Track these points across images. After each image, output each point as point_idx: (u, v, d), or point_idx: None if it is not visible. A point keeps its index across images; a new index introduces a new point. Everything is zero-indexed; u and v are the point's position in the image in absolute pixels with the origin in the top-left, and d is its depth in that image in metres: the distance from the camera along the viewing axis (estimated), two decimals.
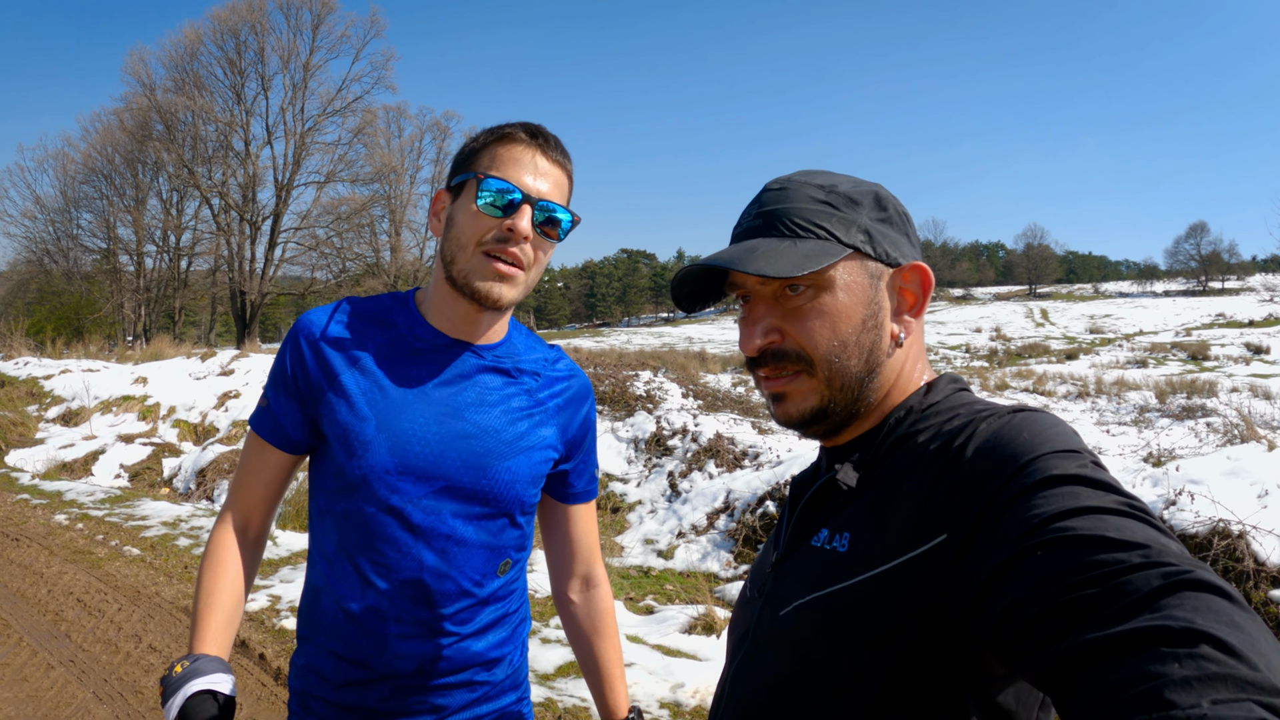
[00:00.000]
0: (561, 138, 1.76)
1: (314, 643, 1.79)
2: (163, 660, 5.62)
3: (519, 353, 1.87)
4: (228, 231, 44.85)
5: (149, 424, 15.23)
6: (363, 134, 46.69)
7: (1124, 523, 0.85)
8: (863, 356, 1.18)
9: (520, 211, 1.65)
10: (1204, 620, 0.72)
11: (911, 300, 1.22)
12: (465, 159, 1.74)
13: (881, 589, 1.02)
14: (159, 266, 47.43)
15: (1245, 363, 33.47)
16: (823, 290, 1.17)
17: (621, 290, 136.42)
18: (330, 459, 1.74)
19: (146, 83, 43.84)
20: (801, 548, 1.20)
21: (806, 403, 1.19)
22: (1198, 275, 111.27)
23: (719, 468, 10.65)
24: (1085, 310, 76.32)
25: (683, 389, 14.44)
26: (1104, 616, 0.77)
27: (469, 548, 1.76)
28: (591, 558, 2.02)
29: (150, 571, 7.81)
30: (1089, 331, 56.18)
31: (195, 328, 55.31)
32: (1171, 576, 0.77)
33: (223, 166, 44.83)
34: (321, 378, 1.74)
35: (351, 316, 1.80)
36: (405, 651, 1.73)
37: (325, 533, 1.78)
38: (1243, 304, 68.78)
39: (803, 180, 1.24)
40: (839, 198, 1.21)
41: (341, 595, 1.74)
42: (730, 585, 7.87)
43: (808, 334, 1.17)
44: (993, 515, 0.94)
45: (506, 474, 1.77)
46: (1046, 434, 1.00)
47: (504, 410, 1.80)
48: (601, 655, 2.00)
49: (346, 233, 46.42)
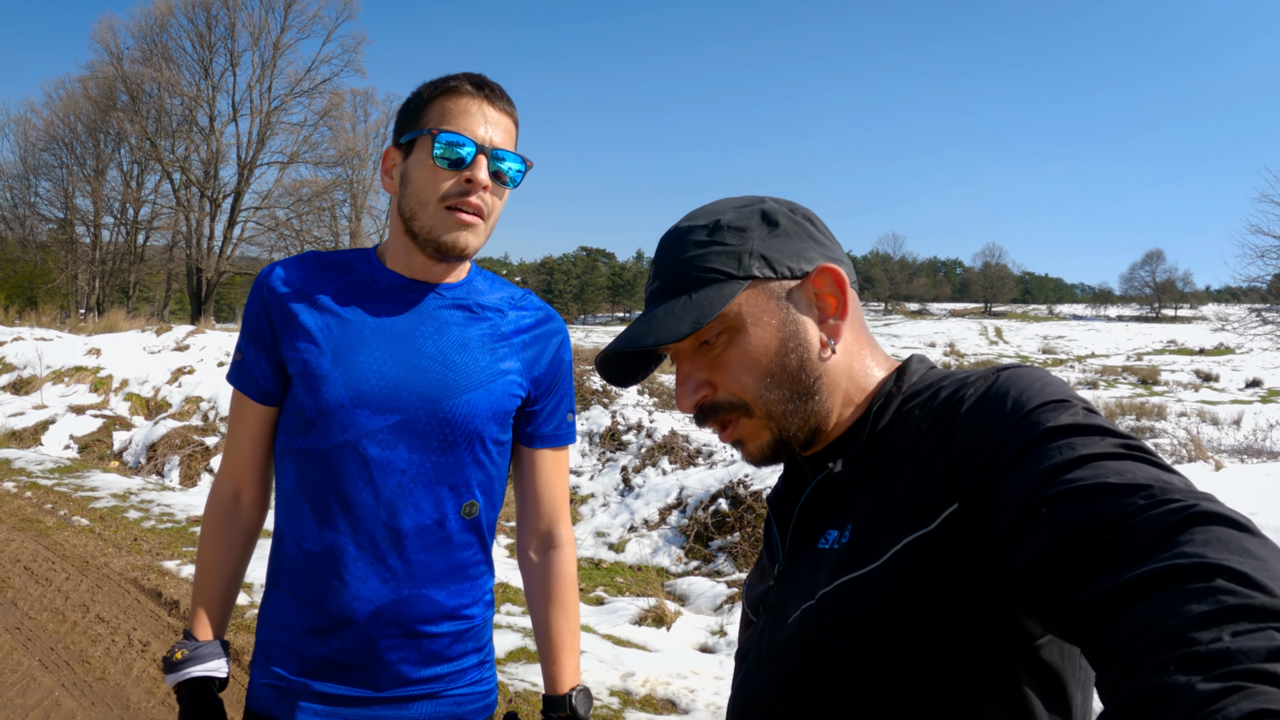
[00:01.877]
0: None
1: (280, 587, 1.79)
2: (110, 630, 5.60)
3: (482, 291, 1.87)
4: (187, 207, 44.23)
5: (101, 396, 15.04)
6: (329, 116, 46.21)
7: (1124, 465, 0.85)
8: (793, 379, 1.15)
9: (476, 162, 1.67)
10: (1216, 552, 0.72)
11: (833, 303, 1.18)
12: (413, 114, 1.74)
13: (901, 568, 0.99)
14: (115, 239, 46.66)
15: (1195, 389, 34.03)
16: (734, 331, 1.15)
17: (579, 288, 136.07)
18: (293, 398, 1.76)
19: (114, 52, 43.14)
20: (806, 554, 1.16)
21: (761, 440, 1.18)
22: (1151, 302, 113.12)
23: (673, 464, 10.73)
24: (1039, 330, 77.28)
25: (638, 386, 14.50)
26: (1118, 563, 0.77)
27: (427, 485, 1.74)
28: (556, 513, 1.96)
29: (99, 542, 7.75)
30: (1042, 351, 56.89)
31: (149, 303, 54.50)
32: (1178, 513, 0.76)
33: (186, 141, 44.20)
34: (284, 321, 1.75)
35: (312, 264, 1.81)
36: (362, 594, 1.71)
37: (284, 472, 1.78)
38: (1194, 332, 69.88)
39: (686, 226, 1.22)
40: (723, 232, 1.18)
41: (300, 535, 1.74)
42: (681, 580, 7.94)
43: (733, 379, 1.15)
44: (995, 477, 0.93)
45: (465, 407, 1.75)
46: (1033, 387, 0.99)
47: (463, 344, 1.78)
48: (554, 624, 1.92)
49: (307, 215, 45.91)
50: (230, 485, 1.84)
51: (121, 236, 46.75)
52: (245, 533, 1.86)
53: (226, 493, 1.84)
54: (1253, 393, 32.33)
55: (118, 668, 5.06)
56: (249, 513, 1.86)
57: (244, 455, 1.83)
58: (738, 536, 8.56)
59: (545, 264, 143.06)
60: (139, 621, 5.81)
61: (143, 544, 7.80)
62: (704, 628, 6.48)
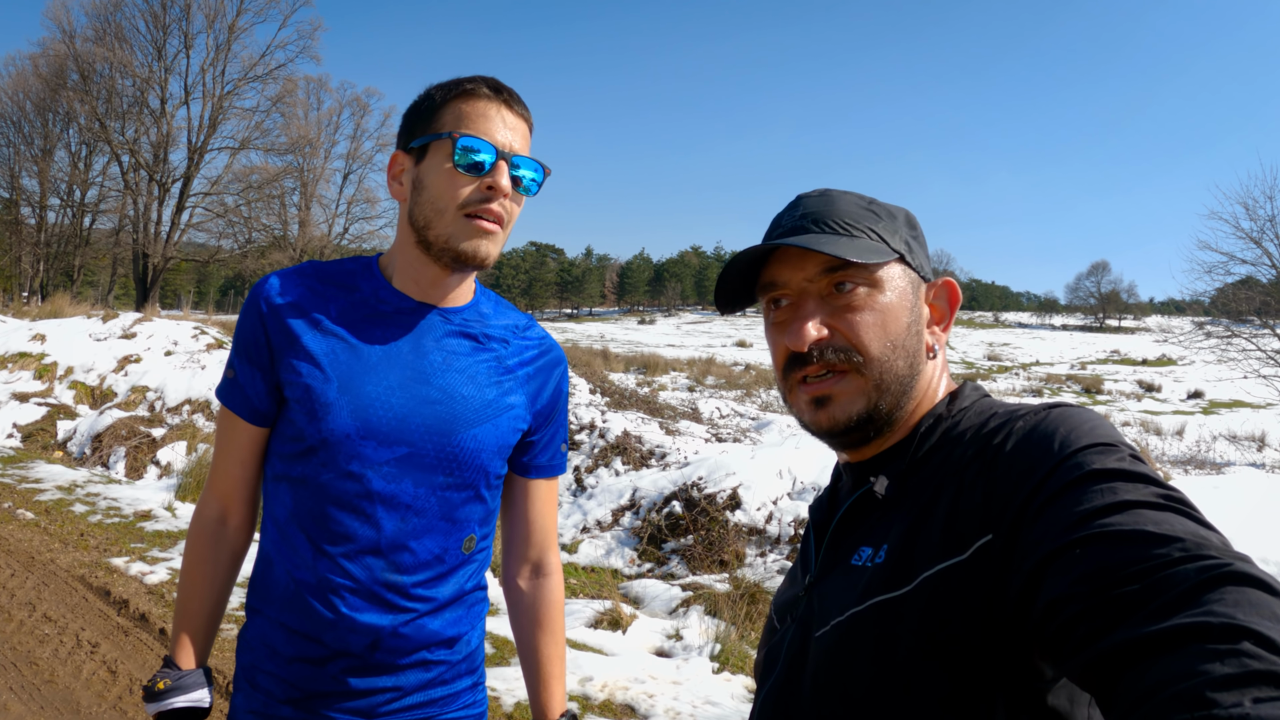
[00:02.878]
0: None
1: (264, 615, 1.72)
2: (58, 630, 5.49)
3: (487, 317, 1.81)
4: (135, 191, 43.40)
5: (45, 383, 14.74)
6: (282, 103, 45.58)
7: (1163, 516, 0.84)
8: (909, 361, 1.17)
9: (498, 168, 1.61)
10: (1245, 615, 0.71)
11: (939, 315, 1.24)
12: (426, 117, 1.67)
13: (931, 595, 1.00)
14: (61, 222, 45.70)
15: (1138, 399, 34.73)
16: (874, 288, 1.17)
17: (528, 283, 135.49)
18: (289, 422, 1.69)
19: (67, 29, 42.17)
20: (839, 568, 1.17)
21: (854, 406, 1.16)
22: (1096, 312, 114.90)
23: (626, 465, 10.73)
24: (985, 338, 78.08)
25: (590, 385, 14.52)
26: (1144, 614, 0.76)
27: (431, 519, 1.70)
28: (546, 542, 1.94)
29: (45, 537, 7.62)
30: (987, 358, 57.54)
31: (93, 288, 53.40)
32: (1211, 570, 0.76)
33: (136, 123, 43.37)
34: (283, 341, 1.68)
35: (312, 279, 1.74)
36: (360, 625, 1.65)
37: (279, 499, 1.71)
38: (1138, 343, 70.99)
39: (841, 191, 1.25)
40: (880, 208, 1.23)
41: (293, 564, 1.68)
42: (635, 582, 7.95)
43: (861, 330, 1.15)
44: (1032, 513, 0.93)
45: (472, 442, 1.71)
46: (1083, 428, 0.99)
47: (471, 376, 1.74)
48: (543, 651, 1.91)
49: (256, 202, 45.21)
50: (217, 507, 1.79)
51: (67, 219, 45.81)
52: (231, 556, 1.81)
53: (213, 514, 1.79)
54: (1194, 404, 33.13)
55: (67, 670, 4.97)
56: (235, 535, 1.80)
57: (233, 476, 1.77)
58: (691, 539, 8.58)
59: None
60: (87, 621, 5.71)
61: (89, 539, 7.68)
62: (660, 631, 6.49)
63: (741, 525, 8.58)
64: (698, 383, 30.03)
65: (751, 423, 17.46)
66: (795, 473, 9.15)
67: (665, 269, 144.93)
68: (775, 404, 22.39)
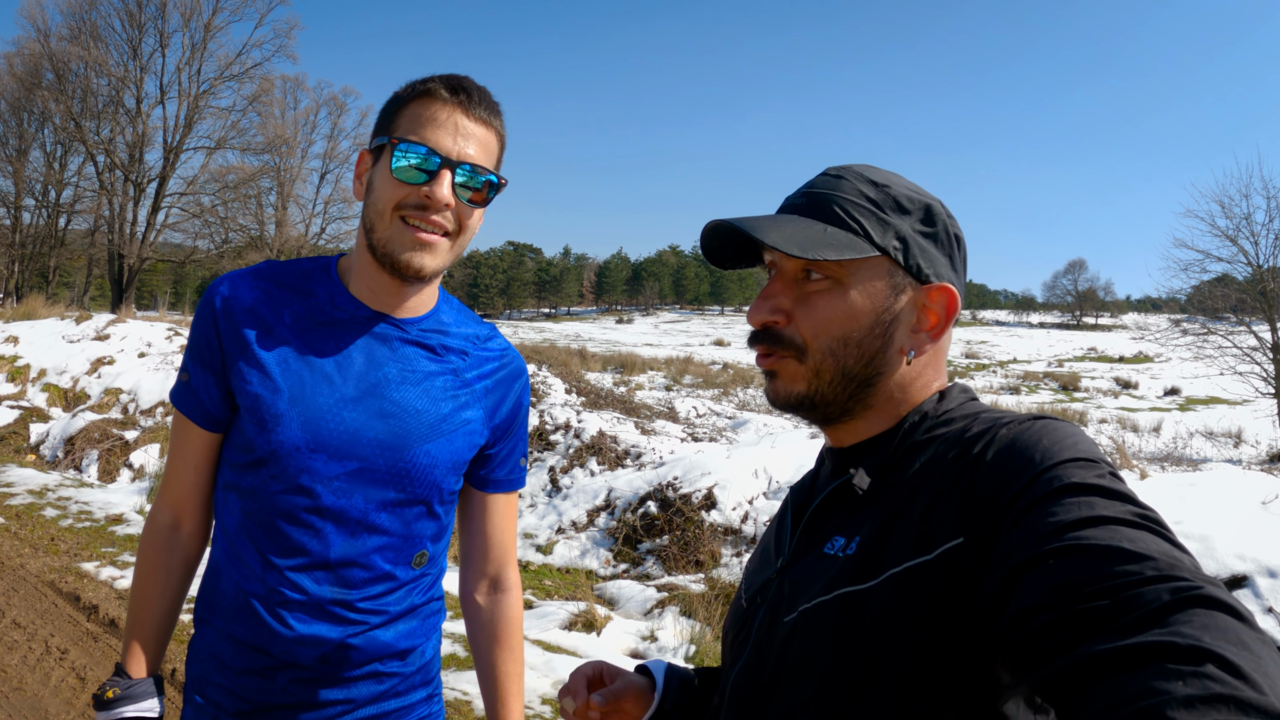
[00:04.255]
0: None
1: (212, 625, 1.70)
2: (27, 637, 5.46)
3: (447, 328, 1.77)
4: (111, 191, 42.98)
5: (18, 386, 14.62)
6: (258, 102, 45.14)
7: (1138, 534, 0.85)
8: (862, 360, 1.17)
9: (439, 177, 1.54)
10: (1211, 639, 0.72)
11: (934, 320, 1.20)
12: (386, 117, 1.62)
13: (895, 592, 1.01)
14: (36, 222, 45.20)
15: (1115, 396, 34.86)
16: (839, 283, 1.16)
17: (505, 282, 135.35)
18: (240, 431, 1.66)
19: (41, 28, 41.62)
20: (811, 554, 1.17)
21: (794, 386, 1.19)
22: (1073, 310, 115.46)
23: (601, 466, 10.71)
24: (962, 335, 78.19)
25: (566, 384, 14.46)
26: (1112, 629, 0.77)
27: (382, 535, 1.67)
28: (504, 558, 1.90)
29: (15, 542, 7.55)
30: (965, 356, 57.63)
31: (69, 289, 52.99)
32: (1182, 592, 0.77)
33: (112, 123, 42.93)
34: (235, 346, 1.64)
35: (269, 281, 1.69)
36: (308, 638, 1.63)
37: (229, 509, 1.68)
38: (1115, 340, 71.23)
39: (859, 173, 1.23)
40: (888, 199, 1.20)
41: (242, 576, 1.65)
42: (610, 583, 7.95)
43: (811, 323, 1.17)
44: (1009, 521, 0.94)
45: (425, 458, 1.67)
46: (1065, 442, 1.00)
47: (426, 389, 1.70)
48: (501, 668, 1.87)
49: (232, 202, 44.77)
50: (170, 513, 1.76)
51: (42, 219, 45.32)
52: (184, 564, 1.77)
53: (165, 521, 1.76)
54: (1171, 400, 33.26)
55: (35, 677, 4.94)
56: (189, 542, 1.77)
57: (186, 482, 1.74)
58: (667, 539, 8.58)
59: (472, 258, 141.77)
60: (57, 627, 5.67)
61: (60, 544, 7.62)
62: (634, 632, 6.50)
63: (717, 525, 8.58)
64: (675, 382, 29.99)
65: (728, 422, 17.47)
66: (771, 472, 9.16)
67: (643, 268, 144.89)
68: (752, 403, 22.41)
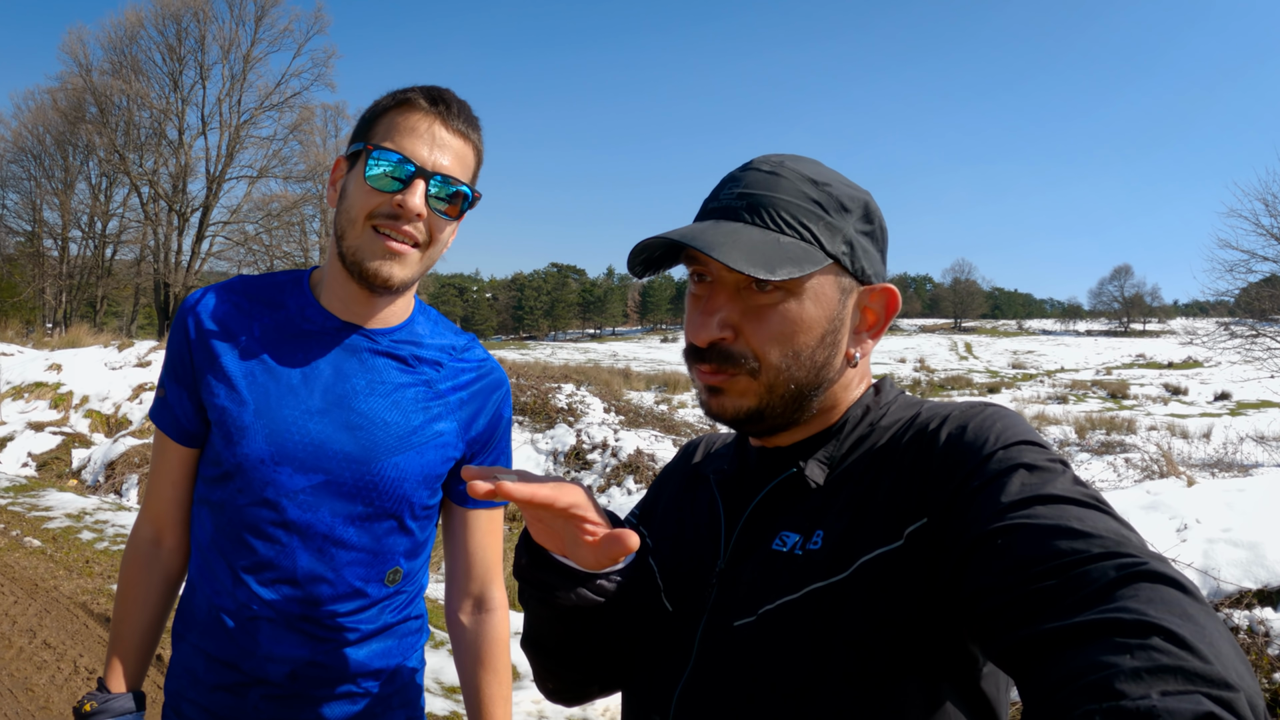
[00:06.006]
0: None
1: (188, 641, 1.69)
2: (56, 657, 5.48)
3: (420, 338, 1.73)
4: (155, 221, 43.82)
5: (61, 412, 14.83)
6: (299, 131, 45.87)
7: (1086, 513, 0.87)
8: (813, 371, 1.13)
9: (412, 186, 1.52)
10: (1156, 612, 0.73)
11: (872, 320, 1.18)
12: (364, 125, 1.61)
13: (869, 579, 1.00)
14: (83, 253, 46.21)
15: (1164, 402, 34.36)
16: (791, 295, 1.10)
17: (550, 304, 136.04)
18: (210, 445, 1.64)
19: (83, 63, 42.68)
20: (757, 554, 1.13)
21: (743, 401, 1.13)
22: (1120, 316, 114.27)
23: (638, 484, 10.66)
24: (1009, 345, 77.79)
25: (605, 404, 14.43)
26: (1061, 606, 0.79)
27: (350, 550, 1.63)
28: (489, 576, 1.83)
29: (50, 564, 7.61)
30: (1011, 366, 57.27)
31: (117, 318, 53.97)
32: (1128, 568, 0.78)
33: (155, 154, 43.80)
34: (205, 360, 1.62)
35: (240, 295, 1.68)
36: (277, 654, 1.61)
37: (201, 523, 1.68)
38: (1163, 346, 70.50)
39: (796, 170, 1.16)
40: (831, 200, 1.14)
41: (213, 591, 1.64)
42: None
43: (764, 339, 1.10)
44: (963, 498, 0.96)
45: (393, 470, 1.63)
46: (1018, 426, 1.03)
47: (396, 401, 1.66)
48: (484, 690, 1.80)
49: (276, 230, 45.49)
50: (150, 529, 1.74)
51: (89, 250, 46.32)
52: (165, 579, 1.75)
53: (146, 536, 1.74)
54: (1221, 405, 32.68)
55: (62, 696, 4.94)
56: (170, 558, 1.75)
57: (165, 498, 1.72)
58: None
59: (516, 280, 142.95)
60: (86, 648, 5.69)
61: (94, 566, 7.67)
62: None
63: None
64: None
65: None
66: None
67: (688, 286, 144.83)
68: None
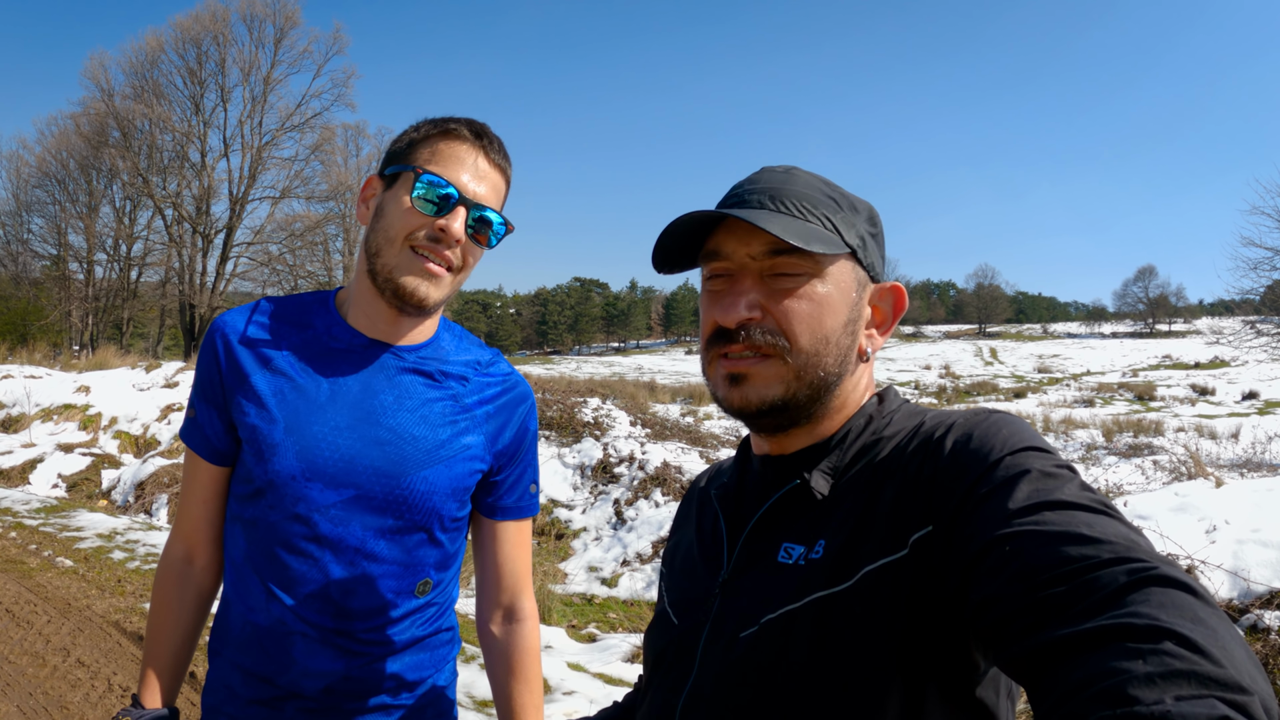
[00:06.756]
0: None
1: (224, 656, 1.71)
2: (90, 675, 5.50)
3: (446, 354, 1.76)
4: (180, 243, 44.16)
5: (90, 434, 14.95)
6: (320, 151, 46.16)
7: (1095, 519, 0.86)
8: (838, 358, 1.15)
9: (455, 213, 1.58)
10: (1168, 616, 0.72)
11: (880, 317, 1.21)
12: (404, 149, 1.64)
13: (873, 589, 1.00)
14: (109, 276, 46.63)
15: (1191, 403, 34.02)
16: (816, 278, 1.14)
17: (573, 318, 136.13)
18: (241, 463, 1.67)
19: (105, 88, 43.14)
20: (761, 565, 1.14)
21: (770, 390, 1.13)
22: (1145, 317, 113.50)
23: (665, 496, 10.62)
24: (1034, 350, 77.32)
25: (631, 417, 14.40)
26: (1072, 613, 0.78)
27: (381, 563, 1.66)
28: (518, 587, 1.86)
29: (82, 584, 7.66)
30: (1037, 371, 56.90)
31: (143, 339, 54.41)
32: (1138, 573, 0.77)
33: (178, 177, 44.18)
34: (235, 380, 1.65)
35: (268, 316, 1.71)
36: (312, 669, 1.64)
37: (234, 540, 1.70)
38: (1189, 346, 69.95)
39: (806, 174, 1.22)
40: (844, 199, 1.20)
41: (247, 607, 1.66)
42: None
43: (793, 318, 1.13)
44: (970, 505, 0.95)
45: (422, 484, 1.66)
46: (1024, 433, 1.02)
47: (424, 415, 1.68)
48: (516, 700, 1.82)
49: (299, 250, 45.79)
50: (182, 547, 1.77)
51: (115, 273, 46.70)
52: (198, 597, 1.78)
53: (178, 555, 1.77)
54: (1249, 405, 32.31)
55: (96, 714, 4.96)
56: (202, 576, 1.78)
57: (196, 516, 1.75)
58: None
59: (539, 295, 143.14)
60: (120, 666, 5.71)
61: (126, 585, 7.71)
62: None
63: None
64: None
65: None
66: None
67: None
68: None
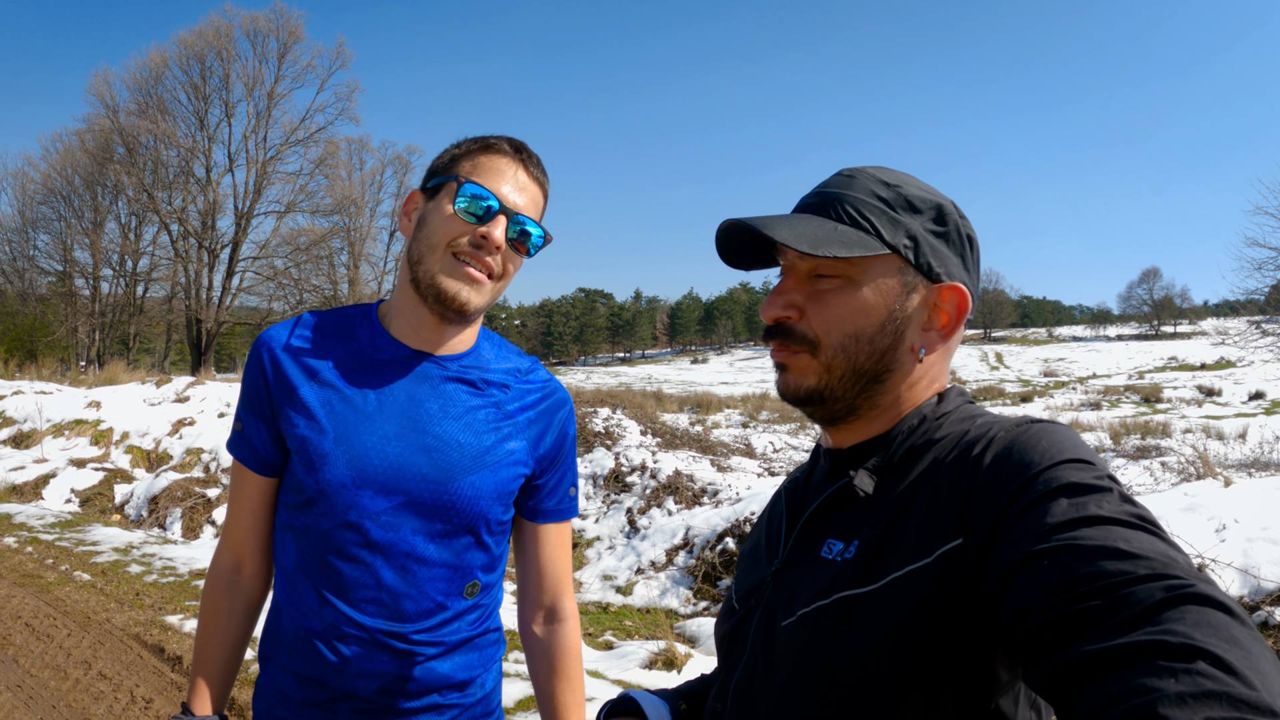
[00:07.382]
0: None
1: (276, 662, 1.75)
2: (113, 687, 5.52)
3: (487, 363, 1.81)
4: (185, 258, 44.27)
5: (101, 449, 14.97)
6: (324, 165, 46.35)
7: (1132, 534, 0.86)
8: (874, 357, 1.17)
9: (496, 221, 1.64)
10: (1203, 635, 0.72)
11: (944, 319, 1.21)
12: (447, 163, 1.71)
13: (896, 595, 1.01)
14: (115, 291, 46.71)
15: (1198, 404, 33.98)
16: (850, 281, 1.17)
17: (579, 329, 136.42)
18: (291, 473, 1.71)
19: (110, 104, 43.35)
20: (807, 557, 1.18)
21: (804, 380, 1.20)
22: (1150, 319, 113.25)
23: (678, 505, 10.62)
24: (1039, 354, 77.25)
25: (641, 426, 14.41)
26: (1105, 628, 0.78)
27: (431, 566, 1.70)
28: (560, 587, 1.91)
29: (100, 598, 7.68)
30: (1043, 375, 56.88)
31: (149, 355, 54.55)
32: (1174, 590, 0.77)
33: (183, 192, 44.31)
34: (282, 393, 1.70)
35: (312, 330, 1.77)
36: (366, 670, 1.68)
37: (285, 549, 1.74)
38: (1195, 347, 69.87)
39: (872, 174, 1.24)
40: (899, 199, 1.21)
41: (300, 613, 1.70)
42: (690, 621, 7.84)
43: (823, 319, 1.18)
44: (1008, 520, 0.94)
45: (470, 489, 1.70)
46: (1064, 444, 1.01)
47: (469, 423, 1.73)
48: (560, 699, 1.87)
49: (305, 264, 45.95)
50: (231, 557, 1.81)
51: (120, 288, 46.80)
52: (246, 605, 1.82)
53: (227, 564, 1.81)
54: (1256, 405, 32.31)
55: None
56: (250, 585, 1.82)
57: (244, 526, 1.80)
58: None
59: (544, 306, 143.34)
60: (142, 678, 5.74)
61: (145, 598, 7.74)
62: None
63: None
64: (751, 418, 29.90)
65: (806, 455, 17.29)
66: None
67: (715, 307, 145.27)
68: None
